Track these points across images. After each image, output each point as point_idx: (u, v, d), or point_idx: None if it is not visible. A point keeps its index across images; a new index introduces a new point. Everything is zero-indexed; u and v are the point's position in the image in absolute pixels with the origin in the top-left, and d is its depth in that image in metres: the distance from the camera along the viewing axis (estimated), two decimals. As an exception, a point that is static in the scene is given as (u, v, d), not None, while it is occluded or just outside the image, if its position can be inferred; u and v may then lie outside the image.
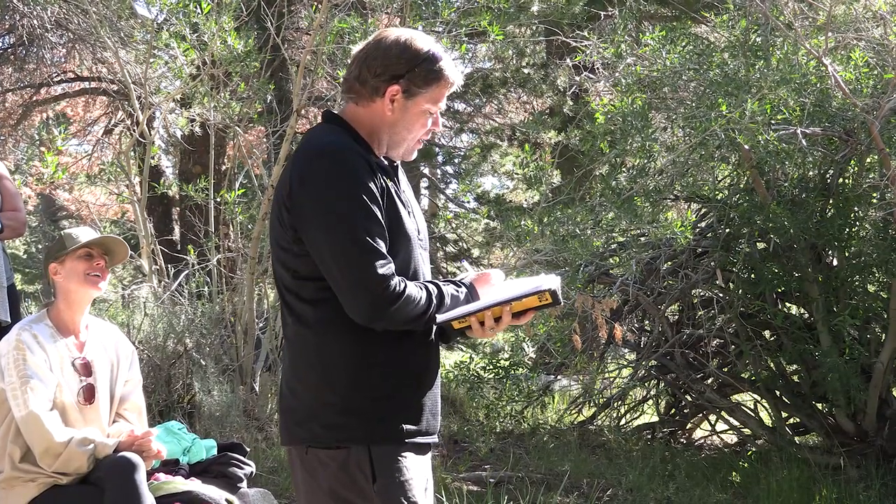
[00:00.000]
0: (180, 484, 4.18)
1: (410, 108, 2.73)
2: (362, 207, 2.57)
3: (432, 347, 2.76)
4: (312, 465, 2.67)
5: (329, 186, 2.59)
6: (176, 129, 10.43)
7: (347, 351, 2.63)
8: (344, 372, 2.63)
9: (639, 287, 7.62)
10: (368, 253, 2.55)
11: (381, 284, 2.54)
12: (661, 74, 6.88)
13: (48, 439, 3.76)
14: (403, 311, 2.58)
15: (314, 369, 2.66)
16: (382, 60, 2.70)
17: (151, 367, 7.09)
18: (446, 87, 2.76)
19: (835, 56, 6.57)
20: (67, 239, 4.08)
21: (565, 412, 9.12)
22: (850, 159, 6.82)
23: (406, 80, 2.69)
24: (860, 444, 7.08)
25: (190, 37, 7.50)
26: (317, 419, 2.65)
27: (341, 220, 2.56)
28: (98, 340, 4.11)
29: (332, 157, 2.62)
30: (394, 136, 2.76)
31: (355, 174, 2.59)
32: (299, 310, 2.67)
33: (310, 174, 2.62)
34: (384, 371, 2.65)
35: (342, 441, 2.62)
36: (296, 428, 2.71)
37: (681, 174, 7.46)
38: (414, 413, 2.69)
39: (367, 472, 2.61)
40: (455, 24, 7.99)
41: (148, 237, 7.80)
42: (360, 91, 2.74)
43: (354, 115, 2.76)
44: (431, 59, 2.72)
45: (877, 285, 7.40)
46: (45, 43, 10.86)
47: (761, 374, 7.67)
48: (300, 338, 2.70)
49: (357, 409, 2.63)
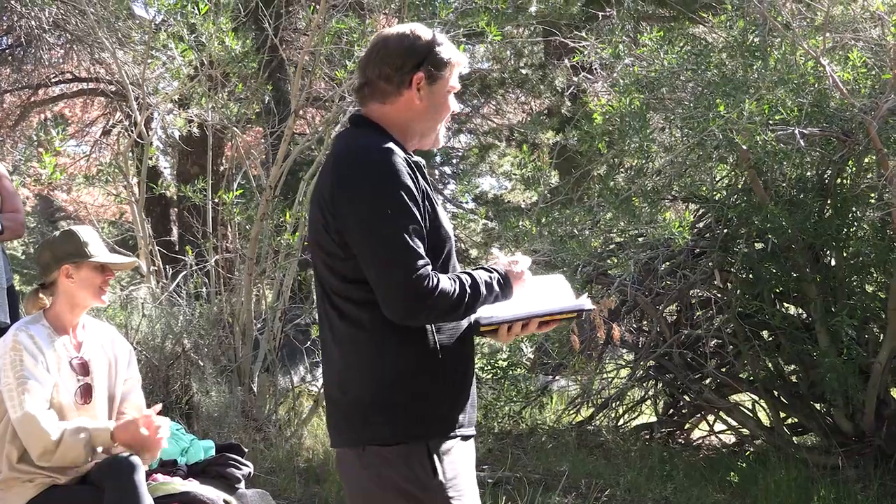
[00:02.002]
0: (178, 484, 4.18)
1: (436, 92, 2.79)
2: (402, 207, 2.59)
3: (472, 343, 2.82)
4: (373, 463, 2.68)
5: (369, 187, 2.61)
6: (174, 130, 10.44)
7: (401, 350, 2.65)
8: (399, 370, 2.66)
9: (637, 287, 7.62)
10: (404, 251, 2.57)
11: (414, 282, 2.56)
12: (658, 75, 6.88)
13: (45, 439, 3.75)
14: (439, 305, 2.60)
15: (369, 369, 2.68)
16: (398, 53, 2.77)
17: (149, 367, 7.08)
18: (457, 66, 2.84)
19: (833, 56, 6.57)
20: (82, 243, 4.03)
21: (563, 412, 9.12)
22: (848, 160, 6.83)
23: (426, 66, 2.76)
24: (858, 444, 7.08)
25: (188, 37, 7.49)
26: (375, 418, 2.66)
27: (380, 220, 2.59)
28: (95, 340, 4.10)
29: (371, 159, 2.65)
30: (426, 124, 2.83)
31: (395, 174, 2.61)
32: (351, 312, 2.69)
33: (350, 177, 2.65)
34: (437, 368, 2.68)
35: (402, 438, 2.65)
36: (352, 428, 2.72)
37: (679, 174, 7.47)
38: (462, 407, 2.74)
39: (426, 467, 2.64)
40: (453, 24, 7.99)
41: (146, 238, 7.80)
42: (386, 89, 2.77)
43: (382, 114, 2.80)
44: (438, 42, 2.80)
45: (875, 285, 7.41)
46: (43, 44, 10.86)
47: (759, 374, 7.68)
48: (352, 339, 2.71)
49: (414, 405, 2.66)
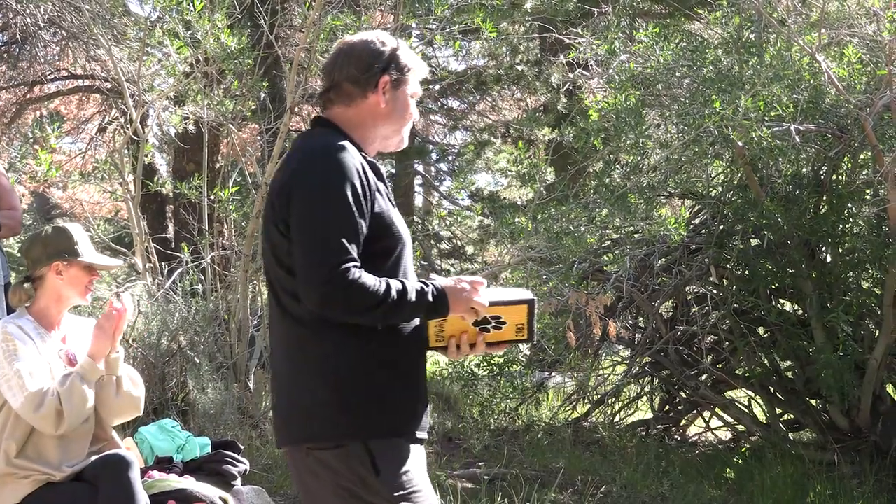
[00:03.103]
0: (174, 482, 4.18)
1: (399, 96, 2.86)
2: (342, 204, 2.61)
3: (421, 348, 2.80)
4: (314, 465, 2.69)
5: (316, 182, 2.65)
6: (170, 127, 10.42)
7: (342, 349, 2.64)
8: (339, 370, 2.65)
9: (633, 284, 7.62)
10: (331, 244, 2.58)
11: (332, 273, 2.55)
12: (654, 71, 6.89)
13: (50, 408, 3.75)
14: (354, 300, 2.58)
15: (309, 368, 2.68)
16: (366, 57, 2.84)
17: (145, 364, 7.08)
18: (420, 72, 2.91)
19: (828, 53, 6.57)
20: (74, 242, 4.04)
21: (559, 409, 9.12)
22: (844, 156, 6.83)
23: (391, 70, 2.83)
24: (854, 440, 7.09)
25: (183, 34, 7.48)
26: (314, 418, 2.66)
27: (317, 212, 2.62)
28: (78, 333, 4.11)
29: (322, 155, 2.70)
30: (389, 127, 2.88)
31: (343, 172, 2.64)
32: (294, 309, 2.69)
33: (300, 171, 2.70)
34: (378, 368, 2.67)
35: (341, 439, 2.65)
36: (293, 428, 2.73)
37: (674, 171, 7.47)
38: (407, 407, 2.73)
39: (368, 466, 2.63)
40: (449, 20, 8.00)
41: (142, 235, 7.79)
42: (352, 91, 2.84)
43: (346, 117, 2.85)
44: (401, 49, 2.87)
45: (870, 281, 7.41)
46: (39, 41, 10.84)
47: (755, 370, 7.68)
48: (294, 336, 2.71)
49: (353, 406, 2.65)
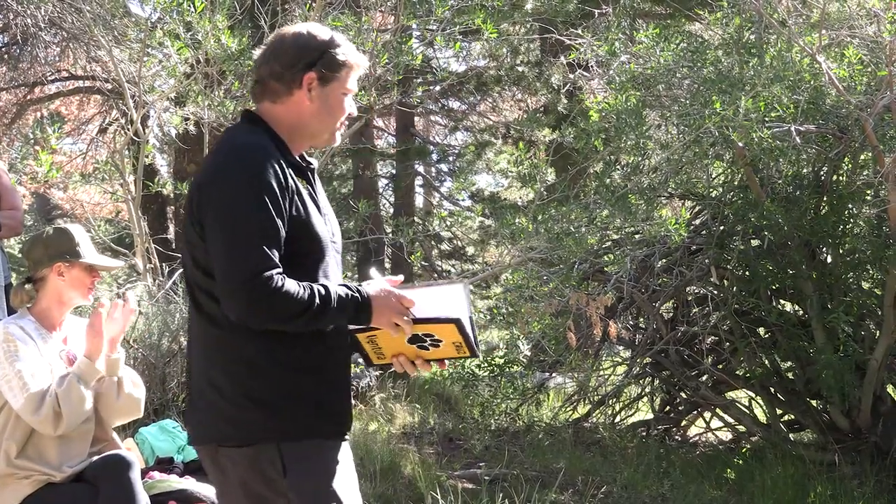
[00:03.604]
0: (175, 482, 4.18)
1: (328, 93, 2.76)
2: (258, 207, 2.55)
3: (344, 350, 2.77)
4: (223, 464, 2.68)
5: (232, 183, 2.59)
6: (170, 128, 10.40)
7: (255, 350, 2.61)
8: (252, 370, 2.62)
9: (633, 284, 7.62)
10: (250, 249, 2.53)
11: (255, 281, 2.51)
12: (655, 72, 6.88)
13: (48, 408, 3.75)
14: (278, 308, 2.53)
15: (222, 368, 2.65)
16: (292, 51, 2.75)
17: (146, 365, 7.07)
18: (355, 69, 2.80)
19: (828, 53, 6.57)
20: (76, 243, 4.04)
21: (560, 409, 9.12)
22: (844, 156, 6.83)
23: (318, 67, 2.74)
24: (854, 440, 7.09)
25: (184, 35, 7.48)
26: (225, 418, 2.64)
27: (233, 217, 2.56)
28: (79, 334, 4.11)
29: (240, 156, 2.64)
30: (318, 125, 2.80)
31: (260, 175, 2.58)
32: (209, 308, 2.66)
33: (217, 171, 2.65)
34: (292, 369, 2.63)
35: (251, 439, 2.62)
36: (204, 427, 2.71)
37: (675, 172, 7.46)
38: (322, 409, 2.68)
39: (277, 467, 2.60)
40: (449, 21, 7.99)
41: (142, 235, 7.80)
42: (277, 87, 2.76)
43: (271, 113, 2.79)
44: (335, 44, 2.77)
45: (871, 282, 7.42)
46: (39, 41, 10.84)
47: (756, 371, 7.69)
48: (209, 336, 2.69)
49: (264, 406, 2.61)
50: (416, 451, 7.17)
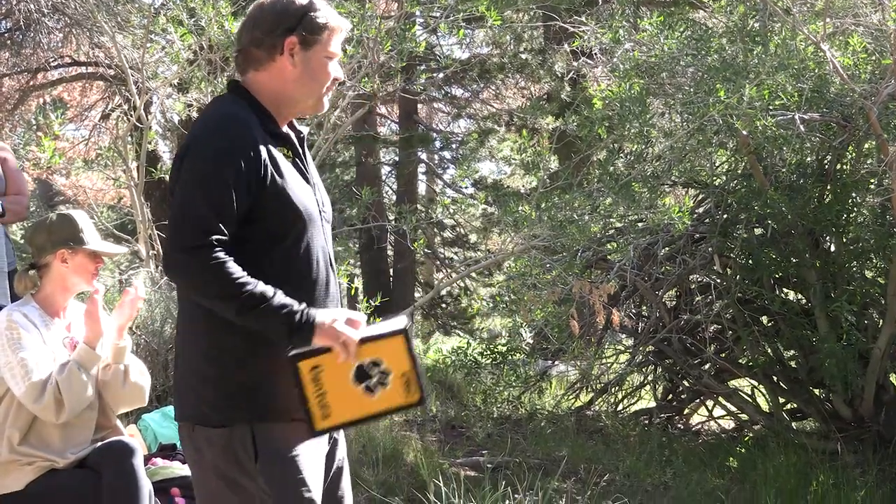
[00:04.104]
0: (178, 469, 4.19)
1: (311, 57, 2.74)
2: (219, 181, 2.54)
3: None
4: (198, 443, 2.67)
5: (199, 156, 2.59)
6: (173, 114, 10.39)
7: (231, 329, 2.59)
8: (227, 351, 2.62)
9: (636, 272, 7.62)
10: (199, 221, 2.52)
11: (193, 250, 2.50)
12: (658, 60, 6.86)
13: (50, 396, 3.76)
14: (206, 285, 2.52)
15: (199, 347, 2.65)
16: (271, 17, 2.72)
17: (149, 352, 7.08)
18: (337, 31, 2.77)
19: (833, 41, 6.55)
20: (79, 229, 4.04)
21: (563, 397, 9.13)
22: (848, 145, 6.81)
23: (299, 30, 2.71)
24: (857, 429, 7.09)
25: (187, 21, 7.47)
26: (201, 397, 2.64)
27: (192, 185, 2.56)
28: (81, 319, 4.12)
29: (216, 131, 2.63)
30: (302, 91, 2.77)
31: (229, 150, 2.57)
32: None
33: (193, 143, 2.64)
34: (268, 350, 2.60)
35: (225, 420, 2.62)
36: (183, 405, 2.72)
37: (678, 160, 7.45)
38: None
39: (249, 451, 2.60)
40: (453, 8, 7.97)
41: (145, 222, 7.80)
42: (258, 55, 2.75)
43: (255, 82, 2.77)
44: (315, 7, 2.74)
45: (874, 271, 7.41)
46: (42, 27, 10.81)
47: (759, 359, 7.68)
48: (185, 313, 2.70)
49: (239, 387, 2.62)
50: (418, 439, 7.18)
